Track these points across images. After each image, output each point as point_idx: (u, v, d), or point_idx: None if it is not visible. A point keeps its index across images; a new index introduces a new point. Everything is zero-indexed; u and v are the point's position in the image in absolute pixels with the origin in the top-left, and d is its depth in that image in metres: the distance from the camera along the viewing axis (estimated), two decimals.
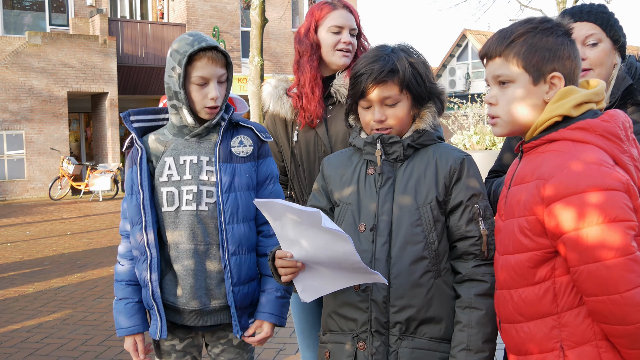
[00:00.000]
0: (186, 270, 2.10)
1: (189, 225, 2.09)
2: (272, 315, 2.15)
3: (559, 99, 1.55)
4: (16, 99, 16.72)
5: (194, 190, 2.10)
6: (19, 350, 4.66)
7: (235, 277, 2.10)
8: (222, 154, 2.12)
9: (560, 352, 1.49)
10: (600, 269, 1.38)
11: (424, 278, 1.76)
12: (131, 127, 2.18)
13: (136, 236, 2.11)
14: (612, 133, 1.50)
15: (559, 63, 1.56)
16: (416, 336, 1.76)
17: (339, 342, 1.84)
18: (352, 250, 1.57)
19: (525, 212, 1.52)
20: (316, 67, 2.54)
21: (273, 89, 2.65)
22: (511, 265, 1.57)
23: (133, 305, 2.18)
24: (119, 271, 2.22)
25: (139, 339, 2.18)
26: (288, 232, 1.68)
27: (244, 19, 20.75)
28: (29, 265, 8.00)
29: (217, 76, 2.10)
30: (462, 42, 27.92)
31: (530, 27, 1.59)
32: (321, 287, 1.78)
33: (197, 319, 2.14)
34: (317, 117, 2.51)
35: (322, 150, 2.52)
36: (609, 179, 1.41)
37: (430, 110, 1.88)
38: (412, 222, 1.78)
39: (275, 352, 4.46)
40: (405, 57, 1.83)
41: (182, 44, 2.07)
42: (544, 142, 1.56)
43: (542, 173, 1.49)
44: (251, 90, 11.83)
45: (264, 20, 11.89)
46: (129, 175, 2.15)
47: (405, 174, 1.83)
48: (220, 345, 2.23)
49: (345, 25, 2.53)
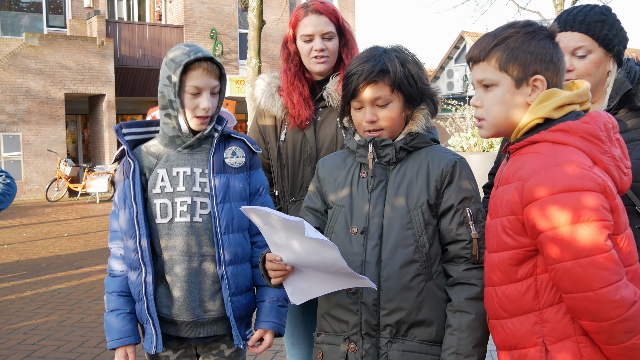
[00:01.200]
0: (180, 282, 2.09)
1: (183, 237, 2.09)
2: (274, 324, 2.16)
3: (540, 101, 1.59)
4: (13, 100, 16.70)
5: (188, 202, 2.10)
6: (16, 352, 4.65)
7: (233, 287, 2.11)
8: (216, 164, 2.14)
9: (542, 347, 1.54)
10: (574, 267, 1.42)
11: (415, 281, 1.76)
12: (123, 140, 2.18)
13: (130, 249, 2.11)
14: (592, 134, 1.53)
15: (541, 66, 1.59)
16: (407, 339, 1.77)
17: (332, 344, 1.86)
18: (338, 257, 1.59)
19: (507, 212, 1.57)
20: (294, 74, 2.56)
21: (266, 85, 2.66)
22: (495, 263, 1.62)
23: (125, 315, 2.14)
24: (109, 282, 2.20)
25: (130, 351, 2.14)
26: (276, 237, 1.70)
27: (242, 21, 20.77)
28: (25, 267, 8.00)
29: (210, 87, 2.11)
30: (460, 44, 27.95)
31: (513, 32, 1.62)
32: (311, 290, 1.79)
33: (191, 331, 2.14)
34: (305, 119, 2.52)
35: (308, 152, 2.53)
36: (584, 181, 1.45)
37: (423, 112, 1.88)
38: (403, 225, 1.78)
39: (273, 353, 4.47)
40: (397, 58, 1.83)
41: (178, 53, 2.09)
42: (527, 143, 1.61)
43: (522, 174, 1.54)
44: (249, 92, 11.83)
45: (262, 22, 11.89)
46: (122, 189, 2.15)
47: (398, 177, 1.84)
48: (212, 356, 2.23)
49: (314, 32, 2.50)
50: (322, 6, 2.53)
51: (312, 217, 1.96)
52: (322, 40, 2.51)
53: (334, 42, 2.54)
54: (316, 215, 1.96)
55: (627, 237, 1.54)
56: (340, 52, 2.57)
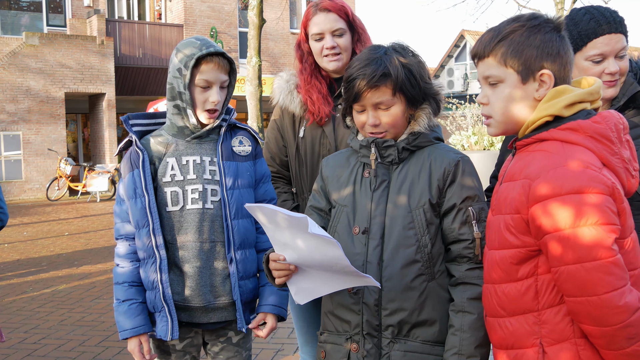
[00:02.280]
0: (192, 268, 2.13)
1: (195, 224, 2.13)
2: (275, 307, 2.21)
3: (550, 98, 1.54)
4: (13, 99, 16.70)
5: (200, 189, 2.15)
6: (17, 351, 4.65)
7: (242, 272, 2.16)
8: (225, 152, 2.20)
9: (539, 349, 1.51)
10: (579, 271, 1.39)
11: (416, 281, 1.75)
12: (131, 130, 2.22)
13: (143, 239, 2.14)
14: (602, 135, 1.50)
15: (547, 60, 1.55)
16: (409, 339, 1.76)
17: (335, 343, 1.85)
18: (341, 255, 1.58)
19: (511, 209, 1.53)
20: (310, 73, 2.56)
21: (285, 82, 2.65)
22: (496, 260, 1.59)
23: (137, 305, 2.17)
24: (120, 273, 2.21)
25: (144, 340, 2.17)
26: (280, 236, 1.69)
27: (242, 20, 20.75)
28: (26, 266, 8.00)
29: (220, 81, 2.16)
30: (460, 43, 27.94)
31: (518, 25, 1.57)
32: (314, 289, 1.79)
33: (202, 316, 2.18)
34: (324, 116, 2.52)
35: (327, 148, 2.53)
36: (594, 182, 1.41)
37: (426, 111, 1.86)
38: (404, 225, 1.77)
39: (274, 352, 4.46)
40: (398, 59, 1.79)
41: (190, 47, 2.13)
42: (535, 141, 1.56)
43: (529, 173, 1.50)
44: (249, 90, 11.82)
45: (262, 21, 11.88)
46: (130, 179, 2.16)
47: (400, 177, 1.82)
48: (220, 343, 2.27)
49: (324, 30, 2.50)
50: (331, 3, 2.52)
51: (316, 216, 1.95)
52: (332, 37, 2.50)
53: (346, 38, 2.53)
54: (320, 215, 1.95)
55: (633, 240, 1.50)
56: (354, 47, 2.55)
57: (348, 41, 2.53)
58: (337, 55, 2.51)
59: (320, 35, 2.51)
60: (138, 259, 2.20)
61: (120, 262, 2.23)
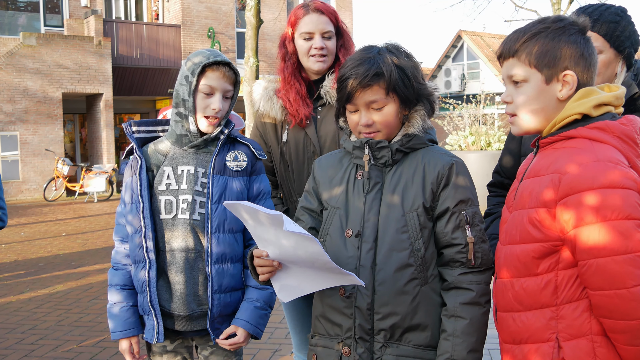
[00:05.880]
0: (179, 276, 2.17)
1: (183, 233, 2.17)
2: (247, 323, 2.20)
3: (580, 97, 1.58)
4: (10, 100, 16.67)
5: (189, 200, 2.18)
6: (14, 352, 4.66)
7: (216, 285, 2.17)
8: (217, 165, 2.21)
9: (555, 343, 1.53)
10: (609, 263, 1.41)
11: (410, 285, 1.74)
12: (132, 138, 2.25)
13: (135, 243, 2.19)
14: (629, 136, 1.54)
15: (571, 62, 1.59)
16: (401, 343, 1.75)
17: (326, 347, 1.84)
18: (320, 251, 1.58)
19: (537, 203, 1.55)
20: (291, 73, 2.60)
21: (263, 90, 2.70)
22: (516, 254, 1.60)
23: (128, 308, 2.24)
24: (113, 276, 2.29)
25: (134, 341, 2.24)
26: (262, 233, 1.69)
27: (239, 20, 20.74)
28: (23, 266, 7.99)
29: (224, 90, 2.19)
30: (458, 43, 27.95)
31: (543, 27, 1.61)
32: (299, 287, 1.78)
33: (186, 324, 2.21)
34: (305, 118, 2.55)
35: (312, 150, 2.56)
36: (624, 178, 1.45)
37: (420, 113, 1.85)
38: (398, 228, 1.75)
39: (271, 352, 4.47)
40: (391, 59, 1.78)
41: (199, 56, 2.19)
42: (562, 138, 1.60)
43: (558, 168, 1.53)
44: (246, 91, 11.84)
45: (259, 21, 11.88)
46: (129, 184, 2.23)
47: (394, 179, 1.81)
48: (209, 347, 2.30)
49: (315, 30, 2.55)
50: (324, 6, 2.59)
51: (308, 217, 1.94)
52: (321, 38, 2.56)
53: (333, 41, 2.60)
54: (312, 216, 1.94)
55: None
56: (338, 52, 2.61)
57: (334, 45, 2.60)
58: (324, 57, 2.57)
59: (310, 34, 2.55)
60: (132, 263, 2.25)
61: (115, 264, 2.30)
